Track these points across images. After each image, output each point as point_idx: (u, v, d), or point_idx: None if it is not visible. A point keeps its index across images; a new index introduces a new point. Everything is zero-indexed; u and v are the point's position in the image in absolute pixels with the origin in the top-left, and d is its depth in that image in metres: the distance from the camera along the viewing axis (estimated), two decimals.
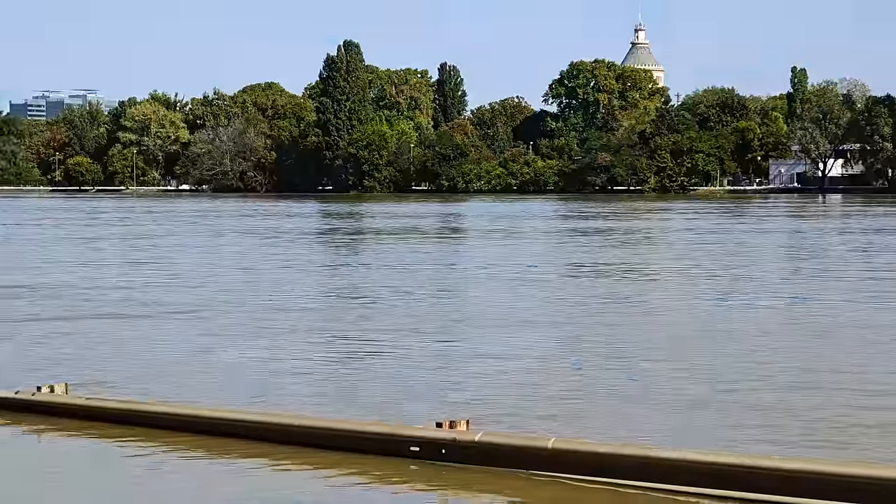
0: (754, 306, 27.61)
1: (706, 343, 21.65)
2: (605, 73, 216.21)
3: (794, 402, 15.60)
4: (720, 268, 38.82)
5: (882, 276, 35.25)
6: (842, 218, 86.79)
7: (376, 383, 17.46)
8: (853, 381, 17.22)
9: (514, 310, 27.10)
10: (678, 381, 17.54)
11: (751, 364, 18.86)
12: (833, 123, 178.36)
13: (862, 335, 22.37)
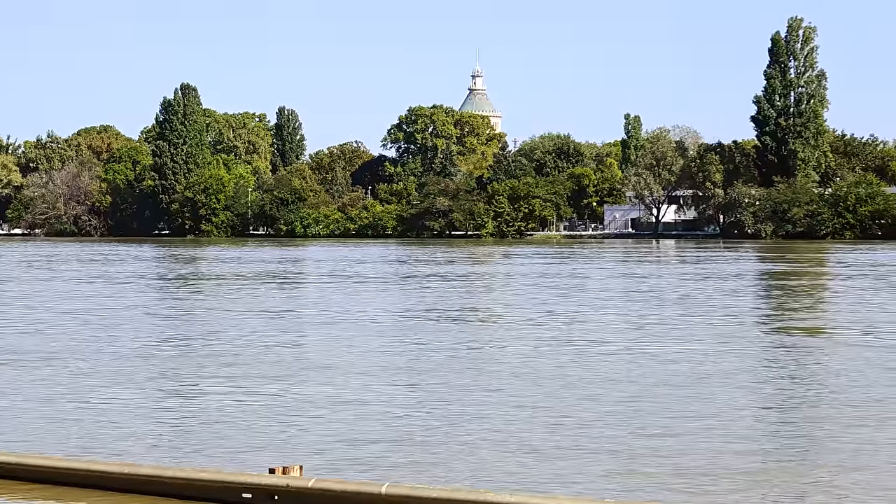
0: (601, 352, 27.98)
1: (544, 386, 21.84)
2: (443, 118, 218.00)
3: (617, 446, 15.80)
4: (558, 311, 39.28)
5: (711, 317, 36.07)
6: (676, 262, 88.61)
7: (211, 430, 17.28)
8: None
9: (351, 355, 27.06)
10: (518, 424, 17.68)
11: (590, 404, 19.11)
12: (666, 170, 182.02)
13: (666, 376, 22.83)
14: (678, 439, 16.57)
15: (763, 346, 29.68)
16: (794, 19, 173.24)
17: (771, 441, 17.00)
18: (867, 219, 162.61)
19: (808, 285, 57.32)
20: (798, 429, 17.97)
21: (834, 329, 34.01)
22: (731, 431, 17.31)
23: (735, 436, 16.99)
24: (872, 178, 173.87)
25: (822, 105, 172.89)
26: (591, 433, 17.05)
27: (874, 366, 24.83)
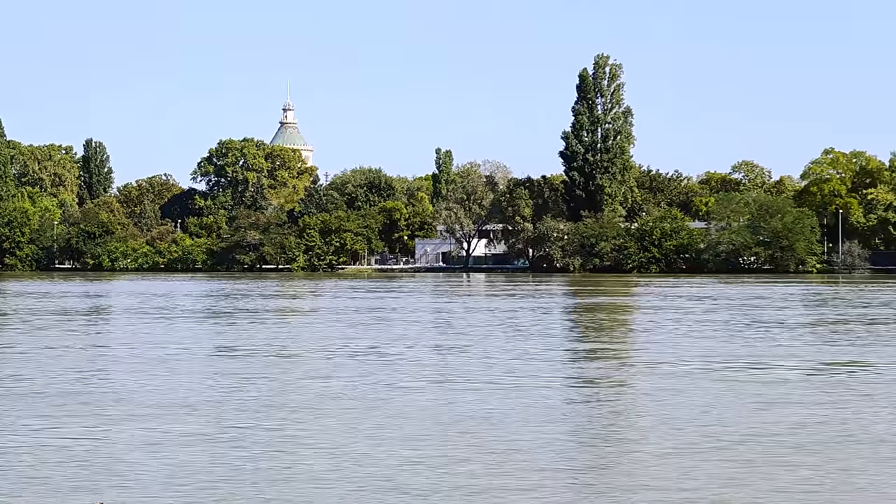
0: (405, 387, 27.76)
1: (358, 422, 21.53)
2: (254, 151, 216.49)
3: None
4: (366, 345, 39.00)
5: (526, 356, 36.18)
6: (483, 297, 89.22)
7: (18, 473, 16.53)
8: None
9: (156, 392, 26.33)
10: (328, 461, 17.30)
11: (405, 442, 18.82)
12: (476, 204, 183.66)
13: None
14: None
15: (568, 378, 29.82)
16: (600, 56, 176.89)
17: (573, 468, 16.96)
18: (672, 253, 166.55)
19: (616, 319, 58.16)
20: (603, 459, 17.96)
21: (638, 360, 34.43)
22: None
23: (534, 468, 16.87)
24: (677, 212, 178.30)
25: (628, 141, 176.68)
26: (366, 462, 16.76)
27: (669, 392, 25.11)
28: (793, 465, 17.58)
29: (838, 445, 19.22)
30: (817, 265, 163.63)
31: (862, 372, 30.60)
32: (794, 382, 28.22)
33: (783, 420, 21.95)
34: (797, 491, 15.79)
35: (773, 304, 70.10)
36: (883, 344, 39.65)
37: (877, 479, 16.63)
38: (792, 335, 43.95)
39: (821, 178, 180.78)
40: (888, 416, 22.69)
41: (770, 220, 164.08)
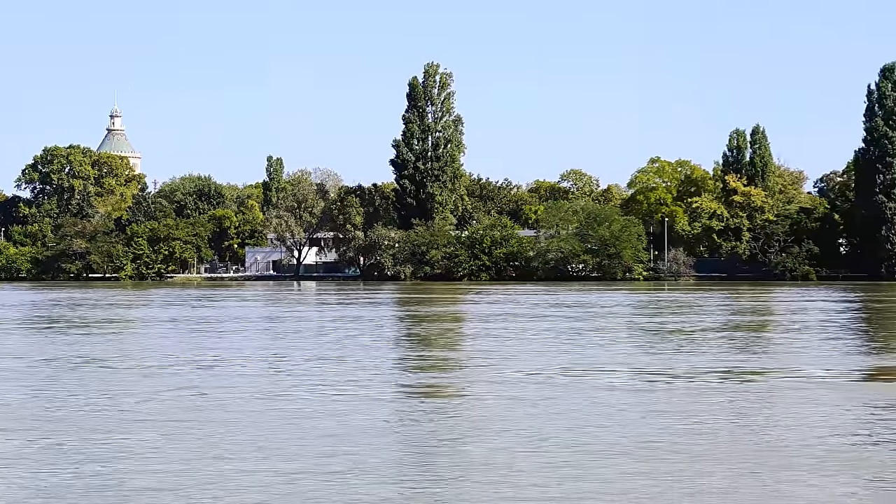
0: (234, 396, 27.38)
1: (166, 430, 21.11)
2: (80, 158, 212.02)
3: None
4: (190, 356, 38.41)
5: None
6: (316, 303, 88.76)
7: None
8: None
9: None
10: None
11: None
12: (307, 212, 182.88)
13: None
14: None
15: (399, 392, 29.76)
16: (430, 65, 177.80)
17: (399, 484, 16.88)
18: (502, 261, 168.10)
19: (443, 329, 58.32)
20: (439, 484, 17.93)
21: (471, 370, 34.53)
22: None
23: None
24: (507, 221, 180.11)
25: (459, 149, 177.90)
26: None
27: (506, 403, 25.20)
28: (629, 471, 17.76)
29: (643, 451, 19.48)
30: (643, 272, 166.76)
31: (685, 377, 31.14)
32: (637, 390, 28.56)
33: (606, 427, 22.17)
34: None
35: (604, 310, 71.11)
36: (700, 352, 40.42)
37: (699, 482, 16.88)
38: (627, 342, 44.57)
39: (647, 186, 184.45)
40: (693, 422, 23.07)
41: (598, 228, 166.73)
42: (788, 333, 50.09)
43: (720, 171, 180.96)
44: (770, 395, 27.57)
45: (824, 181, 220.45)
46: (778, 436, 20.98)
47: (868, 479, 17.16)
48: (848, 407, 24.93)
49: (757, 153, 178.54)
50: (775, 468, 17.87)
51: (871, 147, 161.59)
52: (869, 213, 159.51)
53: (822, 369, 32.83)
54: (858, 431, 21.50)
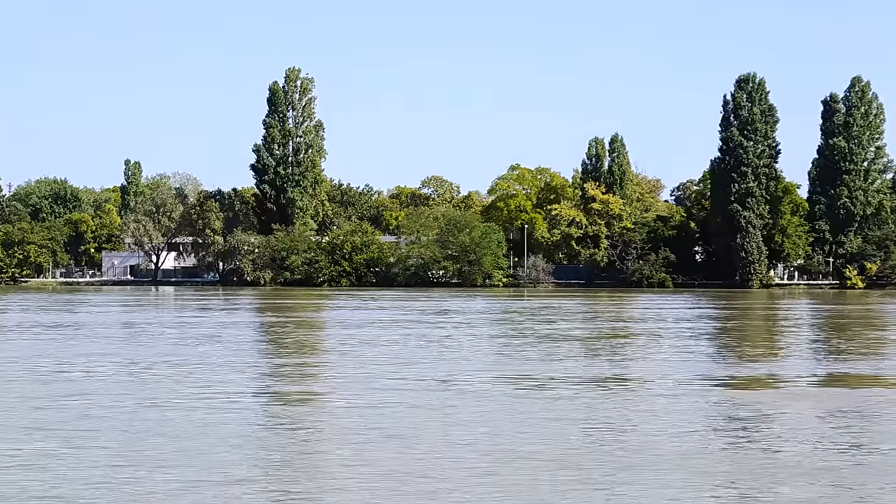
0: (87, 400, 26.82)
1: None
2: None
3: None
4: (51, 362, 37.62)
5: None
6: (175, 309, 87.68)
7: None
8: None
9: None
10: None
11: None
12: (166, 216, 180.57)
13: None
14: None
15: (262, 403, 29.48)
16: (291, 70, 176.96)
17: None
18: (362, 266, 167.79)
19: (308, 334, 58.02)
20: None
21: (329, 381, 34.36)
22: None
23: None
24: (368, 226, 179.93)
25: (319, 155, 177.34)
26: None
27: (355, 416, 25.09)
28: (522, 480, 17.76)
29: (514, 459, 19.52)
30: (503, 279, 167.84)
31: (551, 383, 31.32)
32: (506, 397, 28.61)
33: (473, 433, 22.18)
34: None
35: (459, 317, 71.35)
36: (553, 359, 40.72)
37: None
38: (491, 348, 44.73)
39: (507, 193, 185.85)
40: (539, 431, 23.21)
41: (458, 234, 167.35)
42: (646, 340, 50.76)
43: (579, 178, 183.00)
44: (630, 400, 27.86)
45: (681, 190, 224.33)
46: (634, 441, 21.18)
47: (716, 483, 17.42)
48: (704, 413, 25.30)
49: (615, 161, 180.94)
50: (625, 473, 18.04)
51: (727, 156, 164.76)
52: (724, 221, 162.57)
53: (679, 376, 33.29)
54: (711, 437, 21.82)
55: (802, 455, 19.84)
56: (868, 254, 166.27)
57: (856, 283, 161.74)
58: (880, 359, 40.25)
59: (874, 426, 23.34)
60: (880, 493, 16.84)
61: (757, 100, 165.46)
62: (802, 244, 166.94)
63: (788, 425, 23.52)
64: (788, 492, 16.92)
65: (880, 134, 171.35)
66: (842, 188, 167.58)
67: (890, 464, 19.05)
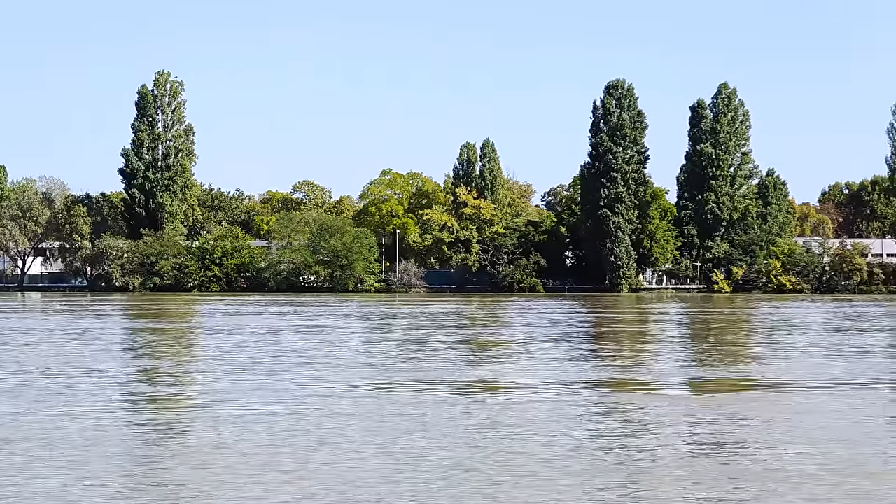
0: None
1: None
2: None
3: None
4: None
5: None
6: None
7: None
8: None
9: None
10: None
11: None
12: (32, 221, 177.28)
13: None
14: None
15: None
16: (161, 73, 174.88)
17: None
18: (233, 272, 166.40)
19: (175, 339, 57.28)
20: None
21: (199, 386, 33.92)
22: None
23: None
24: (239, 231, 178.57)
25: (190, 159, 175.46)
26: None
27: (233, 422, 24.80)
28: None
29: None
30: (375, 284, 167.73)
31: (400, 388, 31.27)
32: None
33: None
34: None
35: (335, 323, 71.06)
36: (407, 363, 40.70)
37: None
38: (362, 353, 44.54)
39: (379, 198, 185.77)
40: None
41: (330, 239, 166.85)
42: (517, 346, 51.00)
43: (451, 183, 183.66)
44: (501, 403, 27.92)
45: (552, 195, 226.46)
46: (505, 443, 21.21)
47: (592, 485, 17.51)
48: (574, 416, 25.45)
49: (487, 167, 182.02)
50: (498, 477, 18.05)
51: (597, 162, 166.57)
52: (594, 226, 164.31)
53: (549, 380, 33.46)
54: (587, 440, 21.94)
55: (674, 456, 20.04)
56: (734, 258, 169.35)
57: (722, 287, 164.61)
58: (744, 363, 40.93)
59: (737, 428, 23.67)
60: (737, 491, 17.06)
61: (626, 106, 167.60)
62: (671, 249, 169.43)
63: (657, 427, 23.74)
64: (660, 490, 17.06)
65: (746, 140, 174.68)
66: (709, 193, 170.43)
67: (748, 462, 19.33)
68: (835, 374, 35.30)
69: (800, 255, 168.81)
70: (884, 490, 17.26)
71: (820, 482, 17.76)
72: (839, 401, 28.38)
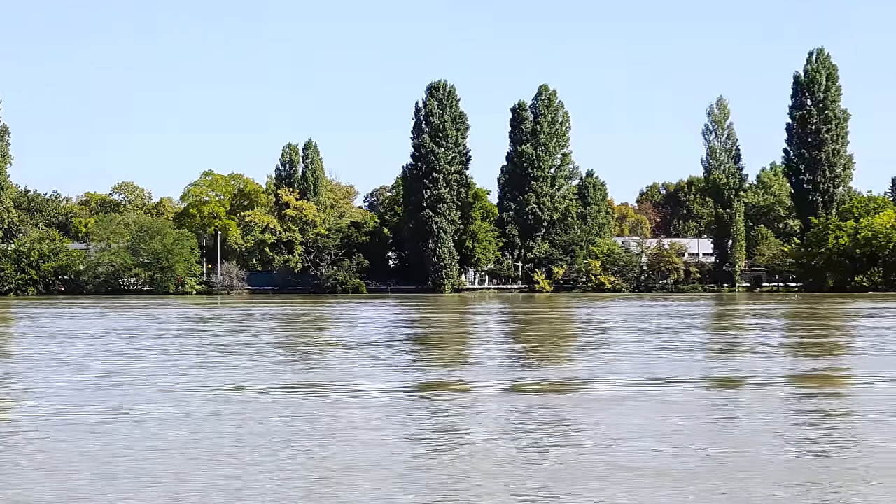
0: None
1: None
2: None
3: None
4: None
5: None
6: None
7: None
8: None
9: None
10: None
11: None
12: None
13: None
14: None
15: None
16: None
17: None
18: (50, 275, 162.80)
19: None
20: None
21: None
22: None
23: None
24: (56, 234, 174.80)
25: (5, 160, 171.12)
26: None
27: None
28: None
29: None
30: (196, 286, 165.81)
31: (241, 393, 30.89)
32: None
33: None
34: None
35: (155, 329, 69.94)
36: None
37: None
38: (189, 359, 43.84)
39: (200, 200, 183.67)
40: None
41: (150, 241, 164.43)
42: (339, 348, 50.83)
43: (273, 185, 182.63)
44: (327, 407, 27.73)
45: (375, 196, 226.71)
46: (333, 447, 21.06)
47: (416, 488, 17.47)
48: (399, 418, 25.42)
49: (309, 168, 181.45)
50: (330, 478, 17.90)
51: (419, 163, 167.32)
52: (416, 227, 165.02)
53: (372, 382, 33.39)
54: (408, 443, 21.91)
55: (501, 456, 20.14)
56: (555, 258, 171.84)
57: (543, 287, 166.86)
58: (564, 363, 41.43)
59: (558, 425, 23.91)
60: (554, 483, 17.22)
61: (448, 107, 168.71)
62: (493, 249, 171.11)
63: (481, 427, 23.85)
64: (486, 490, 17.11)
65: (566, 141, 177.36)
66: (530, 194, 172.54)
67: (568, 460, 19.52)
68: (655, 372, 35.93)
69: (618, 255, 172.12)
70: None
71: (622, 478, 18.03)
72: (654, 401, 28.87)
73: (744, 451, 20.65)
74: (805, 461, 19.77)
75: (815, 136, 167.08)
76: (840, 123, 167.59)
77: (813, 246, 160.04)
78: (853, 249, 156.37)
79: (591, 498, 16.83)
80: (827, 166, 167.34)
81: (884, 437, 22.42)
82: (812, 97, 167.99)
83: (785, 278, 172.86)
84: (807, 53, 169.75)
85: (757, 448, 21.00)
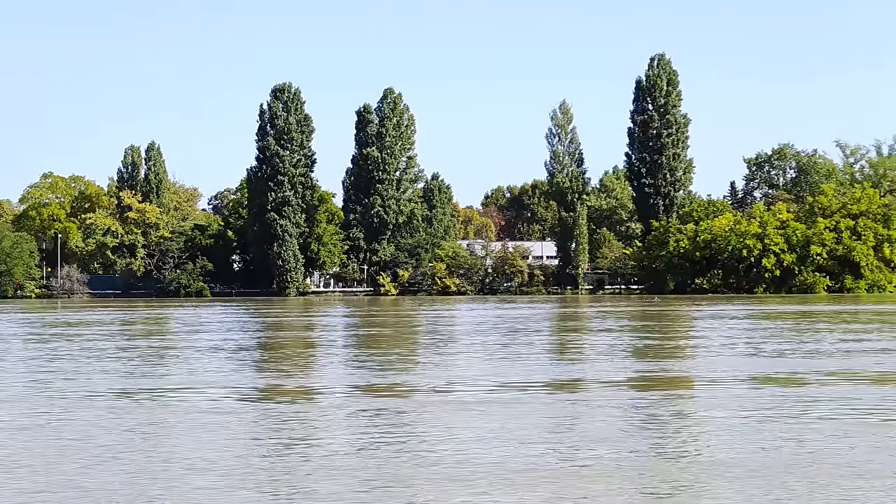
0: None
1: None
2: None
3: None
4: None
5: None
6: None
7: None
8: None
9: None
10: None
11: None
12: None
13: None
14: None
15: None
16: None
17: None
18: None
19: None
20: None
21: None
22: None
23: None
24: None
25: None
26: None
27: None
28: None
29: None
30: (36, 290, 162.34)
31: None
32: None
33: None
34: None
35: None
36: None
37: None
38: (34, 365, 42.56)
39: (40, 202, 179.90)
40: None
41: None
42: (185, 353, 50.04)
43: (115, 187, 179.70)
44: (169, 414, 27.10)
45: (219, 198, 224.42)
46: (163, 451, 20.48)
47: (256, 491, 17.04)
48: (244, 425, 24.92)
49: (152, 170, 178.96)
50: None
51: (264, 165, 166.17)
52: (261, 230, 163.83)
53: (211, 389, 32.81)
54: (246, 451, 21.46)
55: (357, 457, 19.84)
56: (400, 261, 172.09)
57: (389, 290, 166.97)
58: (410, 367, 41.33)
59: (401, 429, 23.68)
60: (417, 480, 16.96)
61: (293, 109, 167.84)
62: (338, 252, 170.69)
63: (332, 431, 23.52)
64: (326, 491, 16.78)
65: (412, 144, 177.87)
66: (375, 197, 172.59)
67: (425, 456, 19.29)
68: (498, 375, 35.91)
69: (464, 258, 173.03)
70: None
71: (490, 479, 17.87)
72: (498, 404, 28.81)
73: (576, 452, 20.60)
74: (653, 462, 19.79)
75: (657, 140, 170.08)
76: (680, 128, 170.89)
77: (654, 249, 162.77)
78: (693, 252, 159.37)
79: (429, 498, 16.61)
80: (668, 170, 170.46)
81: (725, 438, 22.62)
82: (653, 102, 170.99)
83: (627, 280, 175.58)
84: (648, 59, 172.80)
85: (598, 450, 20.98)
